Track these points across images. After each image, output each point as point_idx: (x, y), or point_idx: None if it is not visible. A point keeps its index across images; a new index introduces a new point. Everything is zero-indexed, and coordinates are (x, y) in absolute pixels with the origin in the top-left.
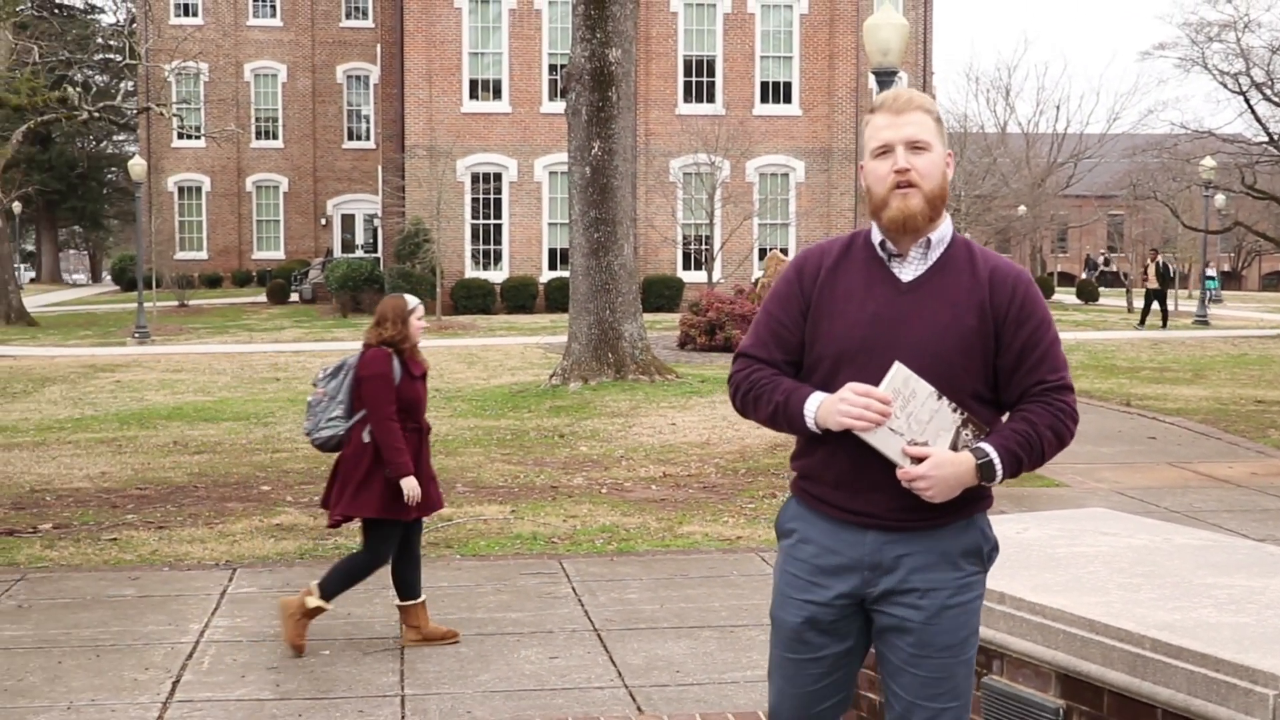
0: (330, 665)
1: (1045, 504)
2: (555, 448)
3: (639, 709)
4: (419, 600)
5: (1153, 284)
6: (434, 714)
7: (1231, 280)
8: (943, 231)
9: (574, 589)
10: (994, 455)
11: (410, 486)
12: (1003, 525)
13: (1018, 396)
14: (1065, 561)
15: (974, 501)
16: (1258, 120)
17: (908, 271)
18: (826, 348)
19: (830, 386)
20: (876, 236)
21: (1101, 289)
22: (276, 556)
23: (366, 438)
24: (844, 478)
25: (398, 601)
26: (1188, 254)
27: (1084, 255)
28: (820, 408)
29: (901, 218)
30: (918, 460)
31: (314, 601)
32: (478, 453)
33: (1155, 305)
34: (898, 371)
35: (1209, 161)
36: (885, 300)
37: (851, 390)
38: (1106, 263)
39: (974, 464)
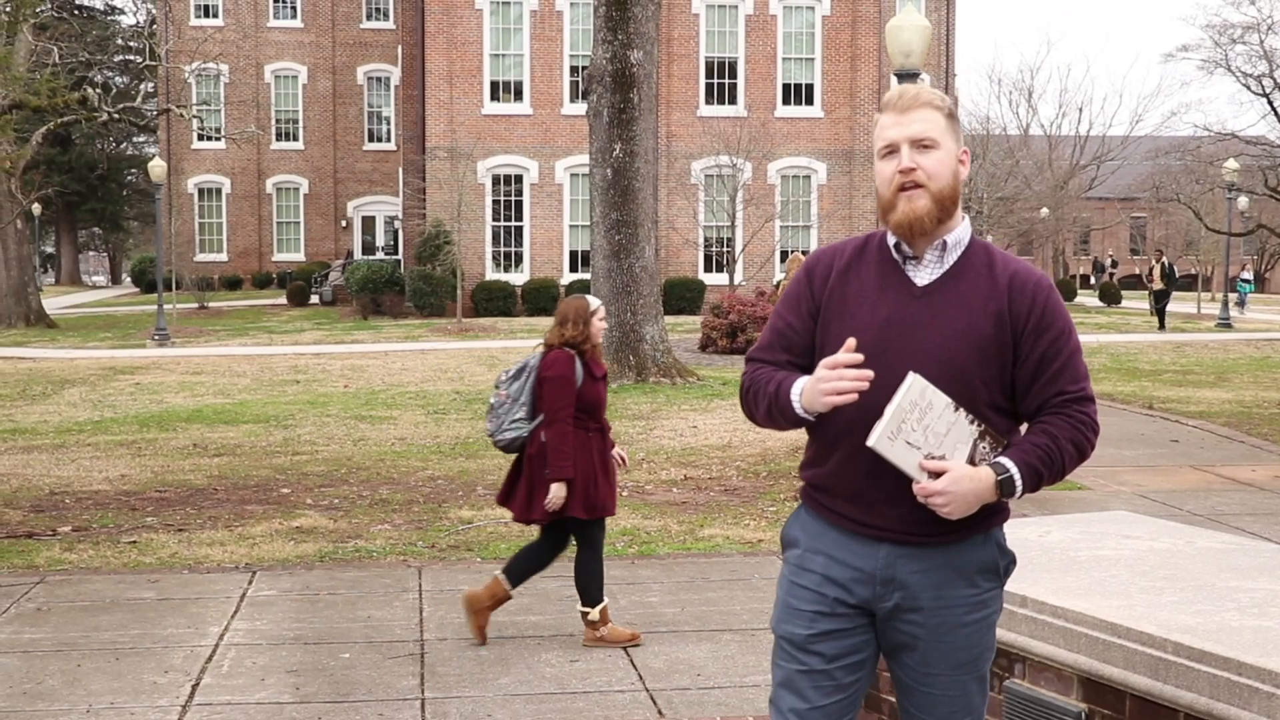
0: (350, 668)
1: (1067, 507)
2: None
3: (660, 713)
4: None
5: (1158, 285)
6: (454, 717)
7: (1255, 283)
8: (959, 234)
9: None
10: (1014, 470)
11: (558, 493)
12: (1025, 528)
13: (1036, 408)
14: (1087, 565)
15: (991, 515)
16: None
17: (923, 275)
18: (836, 350)
19: None
20: (892, 238)
21: (1124, 291)
22: (296, 559)
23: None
24: (859, 490)
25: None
26: (1210, 256)
27: (1093, 258)
28: (804, 393)
29: (908, 220)
30: (935, 475)
31: (593, 614)
32: (498, 455)
33: (1165, 305)
34: (914, 383)
35: (1232, 164)
36: (898, 304)
37: (822, 366)
38: (1114, 265)
39: (994, 479)
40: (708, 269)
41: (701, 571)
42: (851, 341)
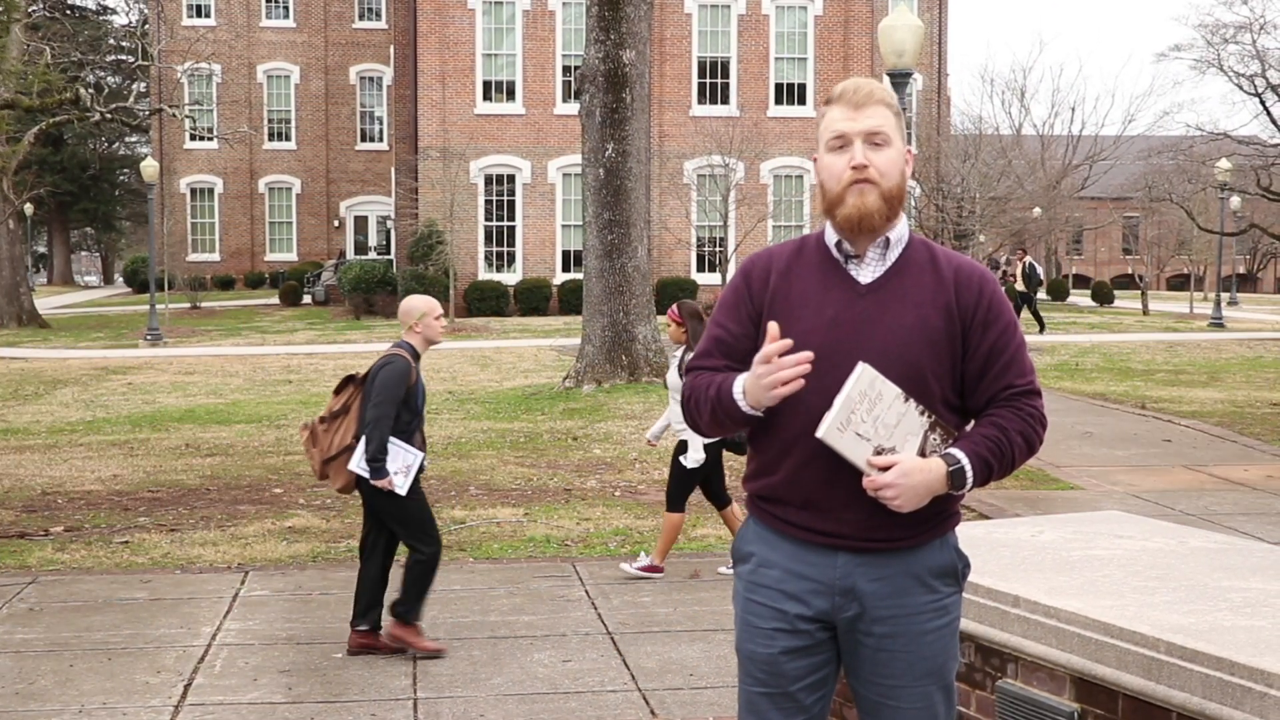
0: (343, 669)
1: (1060, 507)
2: (568, 450)
3: (652, 713)
4: None
5: (1019, 286)
6: (446, 717)
7: (1247, 283)
8: (900, 231)
9: (587, 592)
10: (965, 461)
11: None
12: (1018, 528)
13: (985, 402)
14: (1080, 565)
15: (948, 519)
16: (1273, 122)
17: (866, 273)
18: (784, 356)
19: (792, 397)
20: (831, 237)
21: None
22: (289, 559)
23: None
24: (812, 498)
25: None
26: (1203, 256)
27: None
28: (747, 390)
29: (858, 216)
30: (885, 468)
31: None
32: (491, 455)
33: (1035, 306)
34: (863, 373)
35: (1224, 163)
36: (844, 304)
37: (756, 361)
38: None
39: (945, 470)
40: (700, 269)
41: (694, 571)
42: (774, 329)
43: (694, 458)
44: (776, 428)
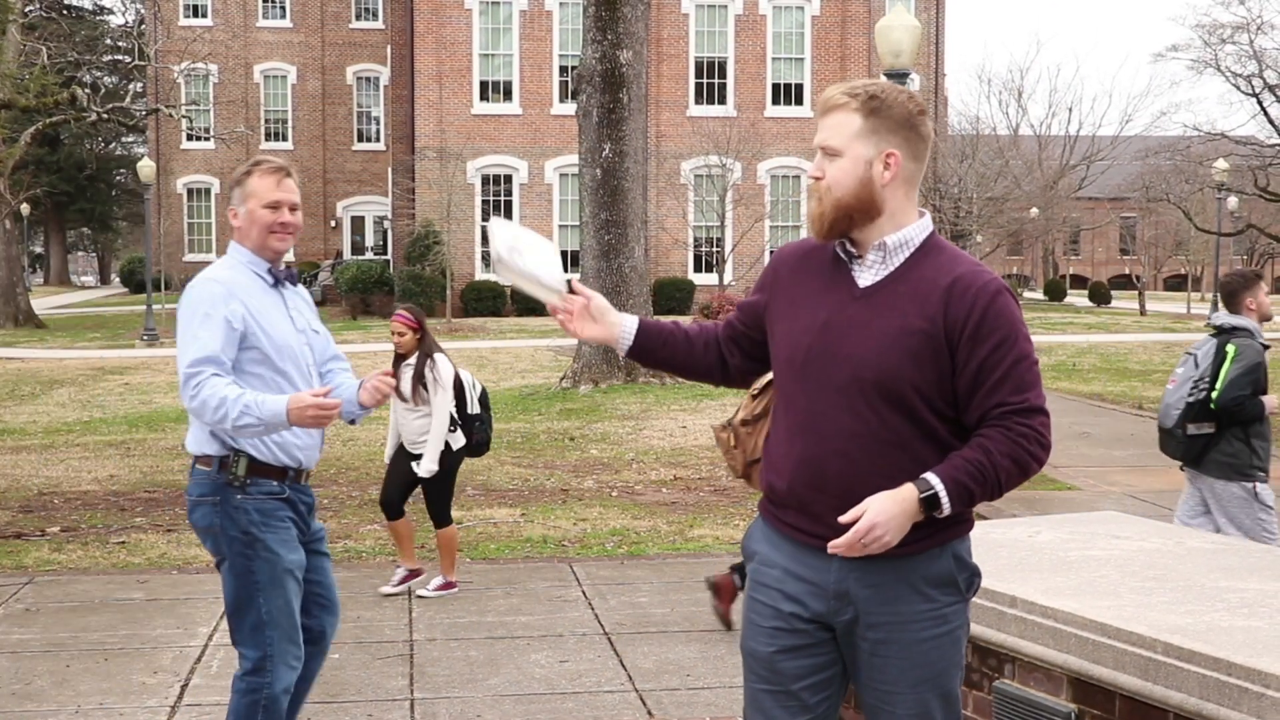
0: (339, 669)
1: (1057, 507)
2: (565, 450)
3: (649, 713)
4: None
5: None
6: (444, 718)
7: None
8: (906, 235)
9: (584, 592)
10: (939, 487)
11: None
12: (1015, 528)
13: (978, 419)
14: (1077, 565)
15: (948, 528)
16: (1270, 122)
17: (866, 276)
18: (780, 352)
19: (784, 396)
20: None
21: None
22: None
23: None
24: (805, 501)
25: None
26: (1200, 257)
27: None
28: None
29: (810, 220)
30: (854, 521)
31: None
32: (487, 455)
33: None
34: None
35: (1222, 164)
36: (837, 306)
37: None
38: None
39: (917, 496)
40: (697, 269)
41: (691, 572)
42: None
43: (427, 468)
44: (778, 429)
